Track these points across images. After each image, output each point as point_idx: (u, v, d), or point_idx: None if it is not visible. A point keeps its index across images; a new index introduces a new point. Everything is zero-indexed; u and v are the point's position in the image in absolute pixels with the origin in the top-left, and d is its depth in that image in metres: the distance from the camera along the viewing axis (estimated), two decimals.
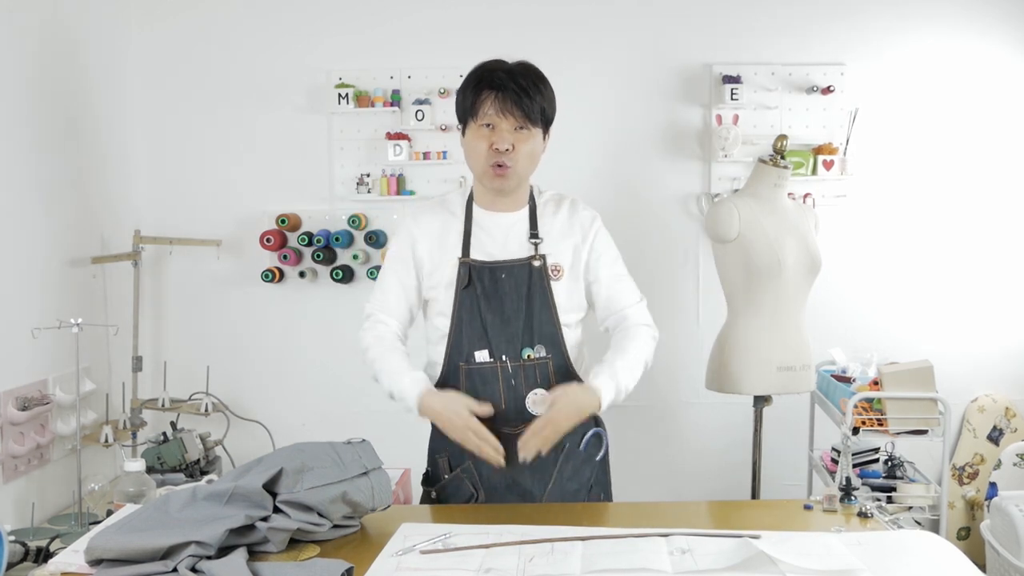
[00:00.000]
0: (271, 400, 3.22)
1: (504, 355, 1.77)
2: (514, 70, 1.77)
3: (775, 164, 2.70)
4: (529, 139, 1.77)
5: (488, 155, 1.76)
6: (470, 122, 1.79)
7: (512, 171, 1.77)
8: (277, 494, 1.46)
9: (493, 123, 1.75)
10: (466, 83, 1.81)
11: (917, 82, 3.15)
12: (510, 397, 1.77)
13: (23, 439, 2.46)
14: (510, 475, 1.78)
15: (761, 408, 2.80)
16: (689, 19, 3.15)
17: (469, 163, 1.82)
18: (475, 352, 1.78)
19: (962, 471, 3.23)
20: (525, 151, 1.77)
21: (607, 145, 3.16)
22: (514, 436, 1.74)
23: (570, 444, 1.81)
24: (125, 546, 1.33)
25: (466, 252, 1.81)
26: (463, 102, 1.81)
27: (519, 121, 1.75)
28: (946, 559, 1.37)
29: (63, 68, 2.74)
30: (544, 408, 1.71)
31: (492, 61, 1.81)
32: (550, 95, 1.80)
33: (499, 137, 1.75)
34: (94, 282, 2.88)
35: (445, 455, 1.84)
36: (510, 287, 1.78)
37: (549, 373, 1.79)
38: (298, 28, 3.16)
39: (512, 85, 1.73)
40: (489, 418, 1.75)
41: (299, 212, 3.17)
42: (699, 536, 1.46)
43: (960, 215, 3.19)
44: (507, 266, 1.79)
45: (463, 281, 1.78)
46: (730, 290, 2.76)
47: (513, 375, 1.77)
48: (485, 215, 1.85)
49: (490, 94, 1.75)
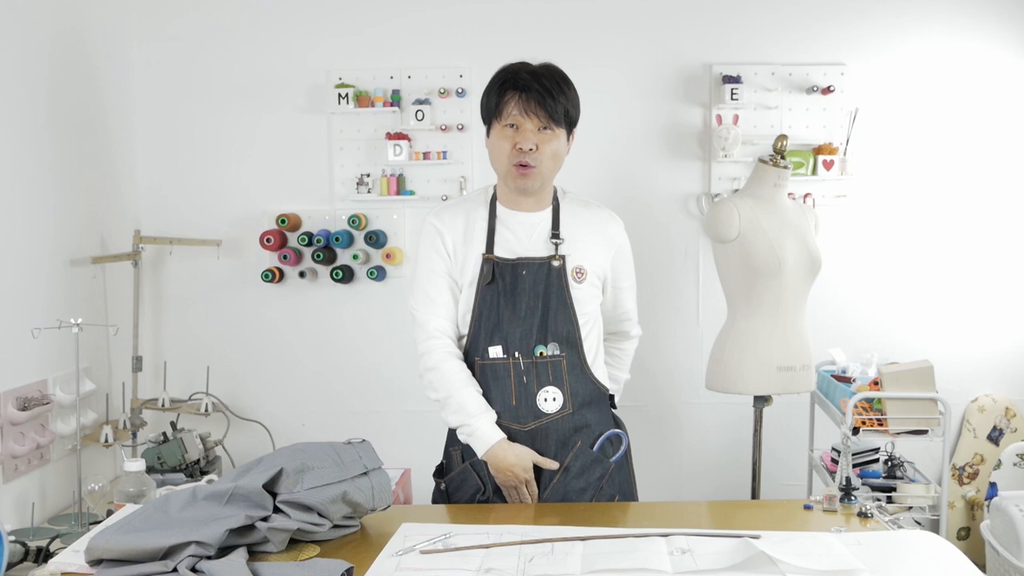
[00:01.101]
0: (271, 400, 3.22)
1: (517, 352, 1.79)
2: (538, 71, 1.79)
3: (775, 164, 2.70)
4: (553, 140, 1.79)
5: (512, 155, 1.78)
6: (494, 123, 1.81)
7: (536, 171, 1.79)
8: (277, 494, 1.46)
9: (517, 123, 1.77)
10: (490, 85, 1.82)
11: (917, 82, 3.15)
12: (521, 394, 1.79)
13: (23, 439, 2.46)
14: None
15: (761, 408, 2.80)
16: (689, 19, 3.15)
17: (493, 163, 1.84)
18: (489, 348, 1.80)
19: (962, 471, 3.23)
20: (549, 151, 1.79)
21: (607, 145, 3.16)
22: (524, 433, 1.79)
23: (583, 442, 1.82)
24: (125, 546, 1.33)
25: (490, 248, 1.83)
26: (487, 103, 1.82)
27: (543, 122, 1.77)
28: (946, 559, 1.37)
29: (63, 69, 2.74)
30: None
31: (516, 63, 1.82)
32: (574, 97, 1.82)
33: (523, 137, 1.77)
34: (94, 282, 2.88)
35: (459, 448, 1.86)
36: (529, 284, 1.80)
37: (563, 372, 1.80)
38: (298, 28, 3.16)
39: (536, 86, 1.75)
40: (500, 414, 1.79)
41: (299, 212, 3.17)
42: (699, 536, 1.46)
43: (960, 215, 3.19)
44: (527, 263, 1.81)
45: (486, 277, 1.80)
46: (730, 290, 2.76)
47: (525, 372, 1.79)
48: (509, 214, 1.87)
49: (514, 95, 1.77)
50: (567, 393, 1.80)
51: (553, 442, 1.81)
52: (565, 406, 1.80)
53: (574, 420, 1.82)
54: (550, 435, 1.80)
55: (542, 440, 1.80)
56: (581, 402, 1.83)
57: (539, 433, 1.80)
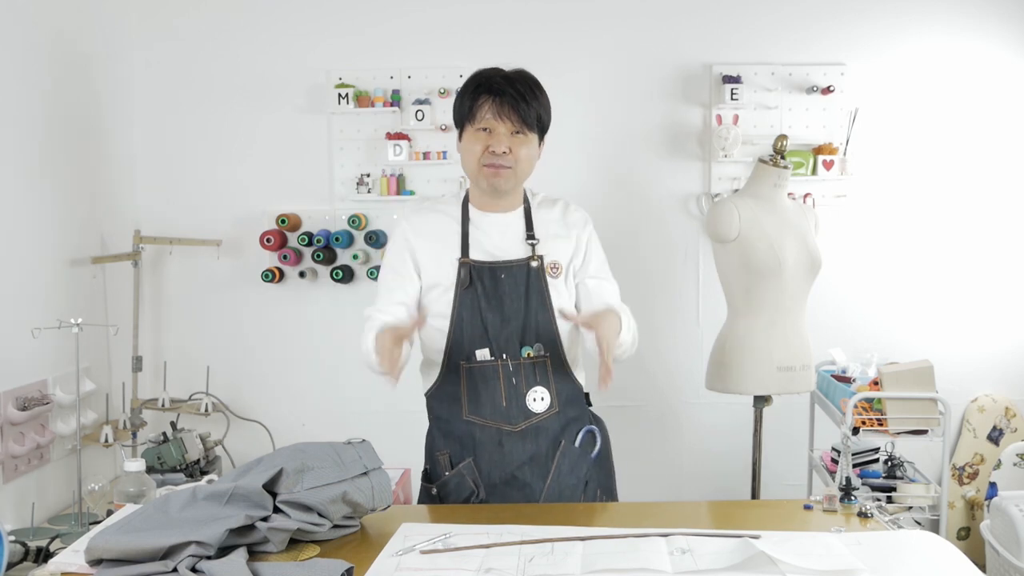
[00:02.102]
0: (271, 400, 3.22)
1: (504, 353, 1.80)
2: (512, 77, 1.80)
3: (775, 164, 2.70)
4: (525, 143, 1.80)
5: (483, 157, 1.79)
6: (467, 126, 1.82)
7: (511, 172, 1.79)
8: (277, 494, 1.46)
9: (490, 127, 1.78)
10: (463, 89, 1.83)
11: (917, 82, 3.15)
12: (511, 395, 1.79)
13: (23, 439, 2.46)
14: (509, 471, 1.80)
15: (761, 408, 2.80)
16: (689, 19, 3.15)
17: (464, 166, 1.85)
18: (476, 351, 1.80)
19: (962, 471, 3.23)
20: (523, 154, 1.80)
21: (607, 145, 3.16)
22: (515, 434, 1.78)
23: (566, 440, 1.84)
24: (125, 546, 1.33)
25: (466, 252, 1.83)
26: (460, 107, 1.82)
27: (516, 126, 1.78)
28: (946, 559, 1.37)
29: (63, 69, 2.74)
30: (590, 339, 1.71)
31: (489, 68, 1.83)
32: (546, 103, 1.83)
33: (496, 140, 1.77)
34: (94, 282, 2.88)
35: (445, 453, 1.86)
36: (510, 287, 1.81)
37: (548, 371, 1.81)
38: (298, 28, 3.16)
39: (510, 91, 1.76)
40: (491, 416, 1.79)
41: (299, 212, 3.17)
42: (699, 536, 1.46)
43: (960, 215, 3.19)
44: (507, 266, 1.82)
45: (464, 282, 1.80)
46: (730, 290, 2.76)
47: (514, 373, 1.80)
48: (481, 216, 1.87)
49: (488, 99, 1.77)
50: (553, 392, 1.82)
51: (544, 441, 1.82)
52: (552, 405, 1.81)
53: (560, 419, 1.83)
54: (540, 434, 1.81)
55: (533, 439, 1.80)
56: (565, 400, 1.84)
57: (530, 432, 1.80)
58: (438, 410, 1.89)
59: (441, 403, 1.87)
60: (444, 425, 1.87)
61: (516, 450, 1.80)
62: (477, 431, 1.80)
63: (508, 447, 1.80)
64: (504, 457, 1.80)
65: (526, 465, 1.81)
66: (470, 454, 1.81)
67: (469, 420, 1.81)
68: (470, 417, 1.81)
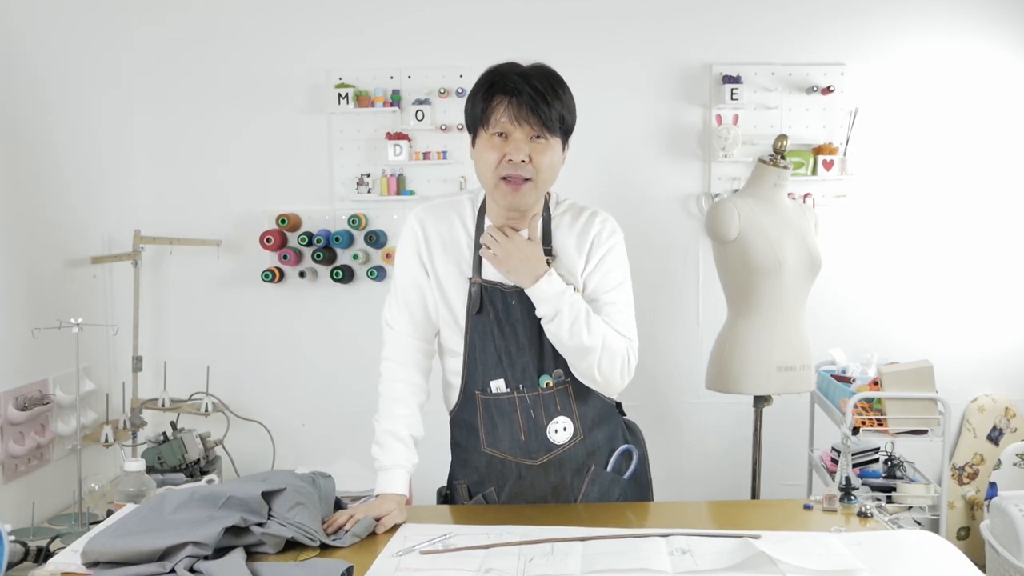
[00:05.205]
0: (271, 400, 3.22)
1: (521, 384, 1.66)
2: (529, 73, 1.59)
3: (775, 164, 2.70)
4: (547, 149, 1.59)
5: (500, 167, 1.58)
6: (480, 131, 1.62)
7: (532, 184, 1.59)
8: (271, 508, 1.47)
9: (506, 132, 1.57)
10: (476, 88, 1.62)
11: (917, 82, 3.15)
12: (529, 428, 1.67)
13: (23, 439, 2.46)
14: (531, 502, 1.72)
15: (761, 408, 2.80)
16: (689, 19, 3.15)
17: (479, 176, 1.65)
18: (491, 382, 1.67)
19: (962, 471, 3.23)
20: (544, 163, 1.59)
21: (607, 145, 3.16)
22: (536, 468, 1.69)
23: (596, 466, 1.74)
24: (121, 549, 1.33)
25: (478, 271, 1.67)
26: (472, 109, 1.63)
27: (535, 130, 1.57)
28: (946, 559, 1.37)
29: (63, 68, 2.74)
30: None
31: (504, 64, 1.62)
32: (569, 101, 1.62)
33: (513, 147, 1.56)
34: (94, 282, 2.88)
35: (465, 482, 1.78)
36: (522, 312, 1.65)
37: (569, 398, 1.68)
38: (298, 28, 3.16)
39: (527, 90, 1.55)
40: (509, 450, 1.69)
41: (299, 212, 3.17)
42: (699, 536, 1.46)
43: (960, 215, 3.19)
44: (518, 290, 1.64)
45: (475, 306, 1.66)
46: (730, 290, 2.77)
47: (532, 405, 1.67)
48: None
49: (503, 100, 1.57)
50: (577, 420, 1.69)
51: (568, 471, 1.71)
52: (577, 433, 1.69)
53: (586, 445, 1.71)
54: (564, 465, 1.70)
55: (556, 472, 1.70)
56: (591, 424, 1.72)
57: (552, 465, 1.69)
58: (458, 437, 1.79)
59: (460, 430, 1.77)
60: (463, 453, 1.78)
61: (539, 483, 1.70)
62: (497, 463, 1.71)
63: (529, 480, 1.70)
64: (524, 490, 1.71)
65: (549, 495, 1.71)
66: (490, 485, 1.73)
67: (487, 452, 1.71)
68: (488, 449, 1.71)
